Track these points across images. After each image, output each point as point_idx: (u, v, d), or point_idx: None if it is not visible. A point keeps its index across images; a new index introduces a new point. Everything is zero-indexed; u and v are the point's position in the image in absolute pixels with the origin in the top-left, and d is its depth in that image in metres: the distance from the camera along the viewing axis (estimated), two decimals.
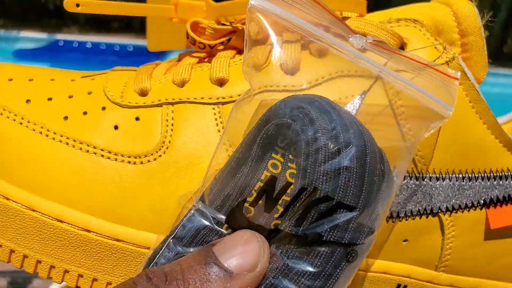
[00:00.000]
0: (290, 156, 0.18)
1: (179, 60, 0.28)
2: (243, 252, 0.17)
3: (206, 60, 0.26)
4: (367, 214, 0.18)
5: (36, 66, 0.28)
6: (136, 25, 0.30)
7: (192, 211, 0.19)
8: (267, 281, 0.17)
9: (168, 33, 0.30)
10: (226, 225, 0.18)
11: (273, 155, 0.18)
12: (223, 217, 0.18)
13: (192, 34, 0.26)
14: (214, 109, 0.23)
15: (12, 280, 0.37)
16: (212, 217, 0.19)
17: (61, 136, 0.23)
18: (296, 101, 0.18)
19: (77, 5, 0.25)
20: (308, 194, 0.17)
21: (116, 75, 0.26)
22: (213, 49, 0.26)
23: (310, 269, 0.17)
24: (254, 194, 0.18)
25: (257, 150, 0.18)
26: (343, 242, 0.17)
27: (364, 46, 0.21)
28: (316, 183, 0.17)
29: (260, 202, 0.18)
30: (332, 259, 0.17)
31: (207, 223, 0.18)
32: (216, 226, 0.18)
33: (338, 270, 0.17)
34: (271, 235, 0.18)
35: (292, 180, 0.18)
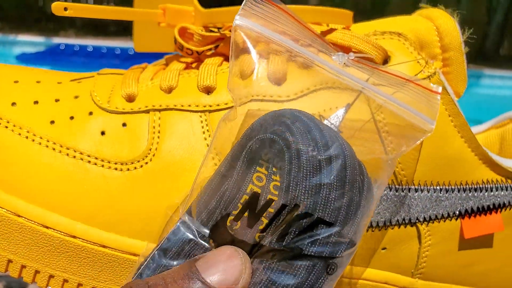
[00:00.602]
0: (274, 169, 0.18)
1: (166, 63, 0.28)
2: (225, 268, 0.17)
3: (193, 65, 0.26)
4: (348, 227, 0.18)
5: (21, 66, 0.28)
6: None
7: (178, 224, 0.19)
8: None
9: (156, 36, 0.30)
10: (211, 240, 0.19)
11: (257, 168, 0.19)
12: (208, 231, 0.19)
13: (180, 40, 0.26)
14: (201, 116, 0.24)
15: (7, 284, 0.36)
16: (197, 231, 0.19)
17: (48, 141, 0.23)
18: (279, 117, 0.19)
19: (65, 8, 0.25)
20: (289, 210, 0.18)
21: (103, 79, 0.26)
22: (200, 55, 0.26)
23: (292, 282, 0.17)
24: (240, 207, 0.19)
25: (242, 165, 0.19)
26: (323, 256, 0.18)
27: (346, 63, 0.21)
28: (297, 200, 0.18)
29: (245, 215, 0.18)
30: (313, 272, 0.18)
31: (191, 236, 0.19)
32: (200, 240, 0.19)
33: (318, 283, 0.18)
34: (253, 249, 0.19)
35: (276, 192, 0.18)
